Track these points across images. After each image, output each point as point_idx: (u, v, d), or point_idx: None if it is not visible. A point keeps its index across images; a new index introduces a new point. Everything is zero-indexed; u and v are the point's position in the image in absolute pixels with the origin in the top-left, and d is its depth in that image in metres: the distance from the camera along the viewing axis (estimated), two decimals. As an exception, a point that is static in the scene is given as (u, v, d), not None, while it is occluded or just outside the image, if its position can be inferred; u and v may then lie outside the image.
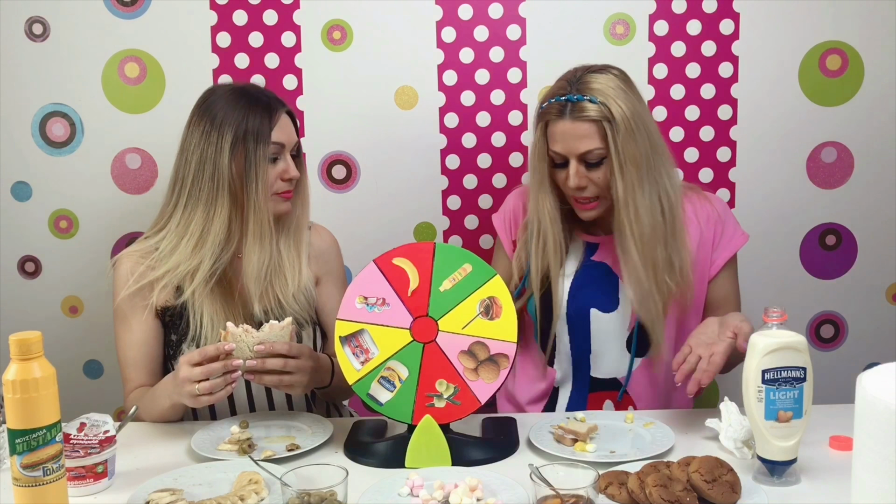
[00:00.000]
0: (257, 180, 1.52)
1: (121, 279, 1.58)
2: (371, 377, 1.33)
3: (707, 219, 1.64)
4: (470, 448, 1.34)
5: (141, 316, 1.57)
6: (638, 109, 1.52)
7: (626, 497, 1.15)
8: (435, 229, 2.02)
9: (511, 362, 1.33)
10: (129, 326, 1.58)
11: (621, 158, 1.50)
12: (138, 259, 1.58)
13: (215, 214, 1.53)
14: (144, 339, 1.58)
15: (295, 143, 1.60)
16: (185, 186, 1.55)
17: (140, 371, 1.58)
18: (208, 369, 1.35)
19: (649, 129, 1.53)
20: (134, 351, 1.58)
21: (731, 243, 1.65)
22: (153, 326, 1.58)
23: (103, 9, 1.93)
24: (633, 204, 1.51)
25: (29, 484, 1.06)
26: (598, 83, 1.52)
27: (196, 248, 1.53)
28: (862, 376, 0.88)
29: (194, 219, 1.54)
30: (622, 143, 1.49)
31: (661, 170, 1.54)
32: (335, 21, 1.94)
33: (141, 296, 1.56)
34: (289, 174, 1.56)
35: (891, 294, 2.05)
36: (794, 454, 1.20)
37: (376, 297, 1.34)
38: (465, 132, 1.98)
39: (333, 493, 1.09)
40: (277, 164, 1.56)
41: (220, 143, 1.52)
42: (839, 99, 1.96)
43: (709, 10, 1.93)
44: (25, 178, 1.99)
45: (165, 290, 1.56)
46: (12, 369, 1.05)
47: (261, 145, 1.53)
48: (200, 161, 1.53)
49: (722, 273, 1.65)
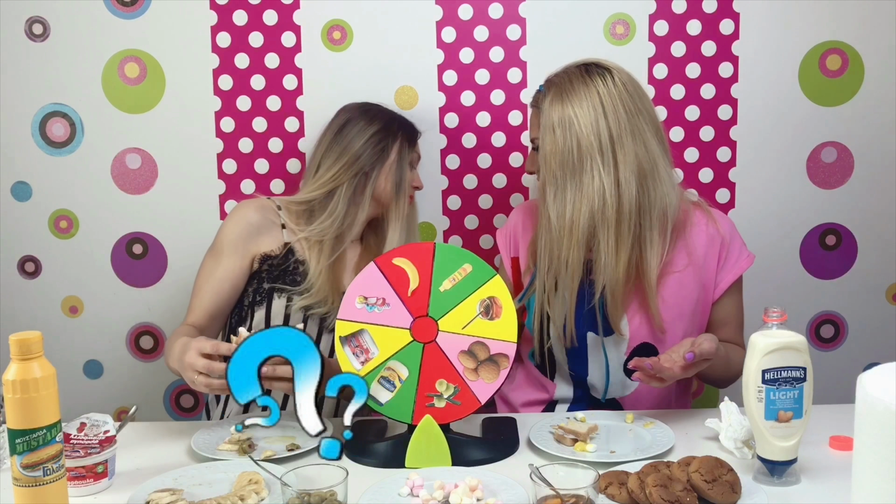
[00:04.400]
0: (402, 181, 1.74)
1: (233, 217, 1.69)
2: (371, 377, 1.33)
3: (711, 241, 1.61)
4: (470, 448, 1.34)
5: (233, 260, 1.65)
6: (578, 112, 1.51)
7: (626, 497, 1.15)
8: (435, 229, 2.02)
9: (511, 362, 1.33)
10: (219, 261, 1.66)
11: (543, 152, 1.54)
12: (256, 210, 1.69)
13: (360, 207, 1.71)
14: (225, 277, 1.65)
15: (418, 161, 1.84)
16: (332, 167, 1.71)
17: (203, 305, 1.64)
18: (210, 367, 1.35)
19: (581, 133, 1.50)
20: (210, 284, 1.65)
21: (736, 266, 1.62)
22: (239, 273, 1.66)
23: (103, 9, 1.93)
24: (545, 198, 1.54)
25: (29, 484, 1.06)
26: (561, 78, 1.56)
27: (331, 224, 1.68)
28: (862, 376, 0.88)
29: (333, 198, 1.69)
30: (543, 137, 1.54)
31: (592, 175, 1.50)
32: (335, 21, 1.94)
33: (244, 241, 1.66)
34: (417, 183, 1.80)
35: (891, 294, 2.05)
36: (794, 454, 1.20)
37: (376, 297, 1.34)
38: (465, 132, 1.98)
39: (333, 493, 1.09)
40: (412, 171, 1.79)
41: (383, 142, 1.72)
42: (839, 99, 1.96)
43: (709, 10, 1.93)
44: (25, 178, 1.99)
45: (275, 239, 1.68)
46: (12, 369, 1.05)
47: (410, 147, 1.77)
48: (352, 150, 1.71)
49: (726, 295, 1.63)
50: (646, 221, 1.54)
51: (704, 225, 1.62)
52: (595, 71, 1.55)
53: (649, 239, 1.54)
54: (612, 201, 1.51)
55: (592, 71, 1.55)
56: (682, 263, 1.58)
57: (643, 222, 1.54)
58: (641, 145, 1.53)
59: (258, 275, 1.68)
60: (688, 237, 1.60)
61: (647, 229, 1.54)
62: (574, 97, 1.52)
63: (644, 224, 1.54)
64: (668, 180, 1.56)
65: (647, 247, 1.54)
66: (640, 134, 1.53)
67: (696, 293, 1.60)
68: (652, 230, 1.54)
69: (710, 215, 1.63)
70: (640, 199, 1.52)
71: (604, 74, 1.54)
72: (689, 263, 1.58)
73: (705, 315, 1.64)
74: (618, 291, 1.53)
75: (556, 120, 1.52)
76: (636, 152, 1.52)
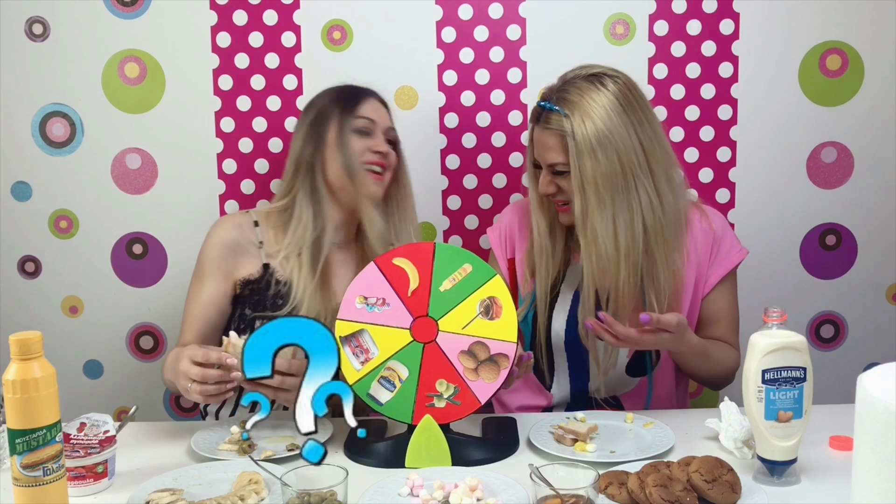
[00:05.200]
0: (325, 145, 1.60)
1: (211, 239, 1.64)
2: (371, 377, 1.33)
3: (704, 237, 1.61)
4: (470, 448, 1.34)
5: (216, 281, 1.62)
6: (611, 128, 1.46)
7: (626, 497, 1.15)
8: (435, 229, 2.02)
9: (511, 362, 1.33)
10: (203, 285, 1.63)
11: (580, 178, 1.47)
12: (234, 228, 1.64)
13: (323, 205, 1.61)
14: (210, 302, 1.62)
15: (388, 130, 1.67)
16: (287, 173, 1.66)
17: (192, 330, 1.62)
18: (204, 374, 1.34)
19: (620, 149, 1.46)
20: (197, 309, 1.62)
21: (726, 260, 1.62)
22: (223, 295, 1.63)
23: (103, 9, 1.93)
24: (590, 225, 1.48)
25: (29, 484, 1.06)
26: (577, 95, 1.48)
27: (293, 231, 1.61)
28: (862, 376, 0.88)
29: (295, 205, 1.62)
30: (580, 163, 1.46)
31: (637, 192, 1.48)
32: (335, 21, 1.94)
33: (224, 263, 1.62)
34: (377, 147, 1.62)
35: (891, 294, 2.05)
36: (794, 454, 1.20)
37: (376, 297, 1.34)
38: (465, 132, 1.98)
39: (333, 493, 1.09)
40: (366, 138, 1.62)
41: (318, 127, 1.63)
42: (839, 99, 1.96)
43: (709, 10, 1.93)
44: (25, 178, 1.99)
45: (253, 263, 1.62)
46: (12, 369, 1.05)
47: (347, 116, 1.62)
48: (294, 150, 1.65)
49: (717, 290, 1.62)
50: (679, 225, 1.56)
51: (698, 221, 1.62)
52: (606, 80, 1.50)
53: (677, 241, 1.56)
54: (659, 213, 1.50)
55: (605, 80, 1.50)
56: (681, 261, 1.59)
57: (678, 226, 1.55)
58: (664, 150, 1.53)
59: (241, 300, 1.64)
60: (689, 235, 1.60)
61: (678, 232, 1.55)
62: (601, 112, 1.46)
63: (678, 228, 1.55)
64: (682, 181, 1.58)
65: (677, 249, 1.56)
66: (660, 138, 1.53)
67: (691, 289, 1.60)
68: (679, 232, 1.56)
69: (703, 212, 1.64)
70: (676, 204, 1.53)
71: (615, 82, 1.50)
72: (687, 261, 1.59)
73: (696, 311, 1.63)
74: (671, 300, 1.54)
75: (593, 141, 1.45)
76: (662, 158, 1.51)
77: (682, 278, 1.56)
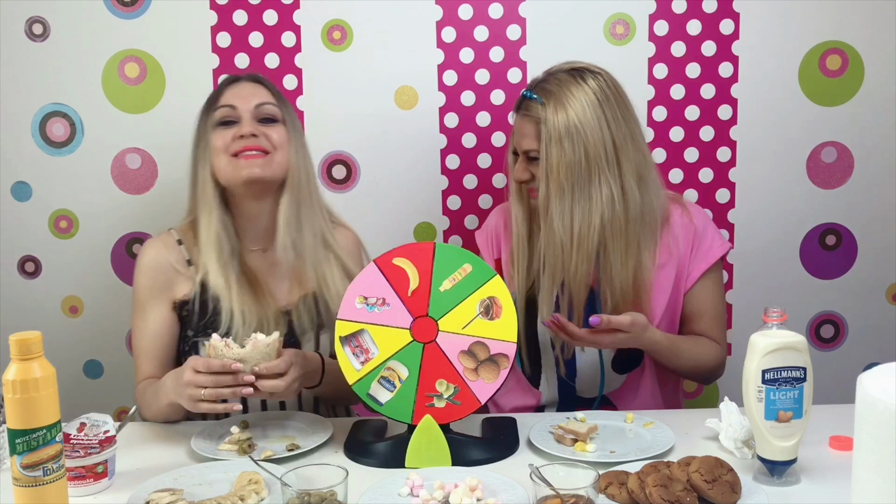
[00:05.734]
0: (203, 149, 1.54)
1: (141, 268, 1.59)
2: (371, 377, 1.33)
3: (684, 232, 1.62)
4: (470, 448, 1.34)
5: (158, 307, 1.57)
6: (583, 120, 1.49)
7: (626, 497, 1.15)
8: (435, 229, 2.02)
9: (511, 362, 1.33)
10: (146, 316, 1.57)
11: (546, 164, 1.50)
12: (161, 249, 1.59)
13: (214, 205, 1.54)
14: (158, 330, 1.57)
15: (259, 107, 1.54)
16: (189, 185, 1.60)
17: (152, 362, 1.57)
18: (217, 380, 1.32)
19: (589, 141, 1.49)
20: (147, 341, 1.57)
21: (708, 254, 1.61)
22: (169, 319, 1.57)
23: (103, 9, 1.93)
24: (549, 211, 1.52)
25: (29, 484, 1.06)
26: (556, 86, 1.52)
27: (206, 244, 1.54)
28: (862, 376, 0.88)
29: (199, 216, 1.56)
30: (548, 150, 1.50)
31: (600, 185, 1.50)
32: (335, 21, 1.94)
33: (159, 287, 1.57)
34: (241, 131, 1.51)
35: (891, 294, 2.04)
36: (794, 454, 1.20)
37: (376, 297, 1.34)
38: (465, 132, 1.98)
39: (333, 493, 1.09)
40: (231, 127, 1.53)
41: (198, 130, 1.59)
42: (839, 99, 1.96)
43: (709, 10, 1.93)
44: (25, 178, 1.99)
45: (186, 283, 1.56)
46: (12, 369, 1.05)
47: (208, 112, 1.56)
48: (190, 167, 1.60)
49: (699, 284, 1.62)
50: (645, 224, 1.54)
51: (679, 217, 1.63)
52: (587, 75, 1.53)
53: (644, 240, 1.55)
54: (620, 209, 1.51)
55: (585, 75, 1.53)
56: (664, 258, 1.60)
57: (644, 225, 1.54)
58: (637, 149, 1.54)
59: (182, 321, 1.57)
60: (668, 232, 1.61)
61: (644, 231, 1.55)
62: (576, 105, 1.50)
63: (644, 227, 1.54)
64: (657, 180, 1.59)
65: (643, 248, 1.55)
66: (635, 137, 1.54)
67: (669, 286, 1.61)
68: (646, 231, 1.55)
69: (684, 208, 1.65)
70: (643, 204, 1.53)
71: (596, 78, 1.53)
72: (670, 257, 1.60)
73: (678, 306, 1.63)
74: (628, 297, 1.55)
75: (562, 131, 1.49)
76: (634, 157, 1.53)
77: (649, 277, 1.57)
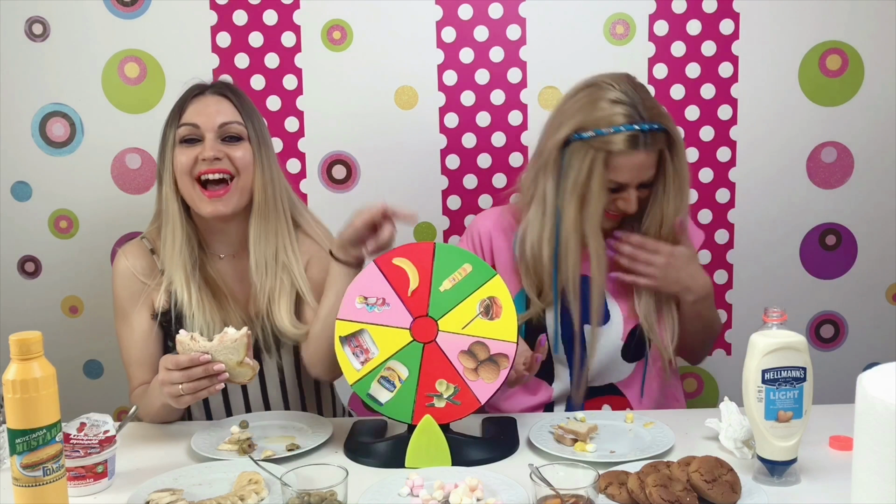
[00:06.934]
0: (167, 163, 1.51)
1: (118, 278, 1.58)
2: (371, 377, 1.33)
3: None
4: (470, 448, 1.34)
5: (140, 315, 1.56)
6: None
7: (626, 497, 1.15)
8: (435, 229, 2.02)
9: (511, 362, 1.33)
10: (130, 325, 1.57)
11: (680, 178, 1.52)
12: (134, 260, 1.57)
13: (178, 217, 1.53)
14: (144, 337, 1.56)
15: (223, 126, 1.49)
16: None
17: (142, 369, 1.56)
18: (188, 374, 1.32)
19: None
20: (135, 350, 1.56)
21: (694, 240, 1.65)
22: (151, 326, 1.56)
23: (103, 9, 1.93)
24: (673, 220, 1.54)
25: (29, 484, 1.06)
26: (652, 102, 1.50)
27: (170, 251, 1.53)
28: (862, 376, 0.88)
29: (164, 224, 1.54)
30: (679, 165, 1.52)
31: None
32: (335, 21, 1.94)
33: (136, 296, 1.56)
34: (203, 154, 1.47)
35: (891, 294, 2.05)
36: (794, 454, 1.20)
37: (376, 297, 1.34)
38: (465, 132, 1.98)
39: (333, 493, 1.09)
40: (194, 146, 1.49)
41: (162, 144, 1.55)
42: (839, 99, 1.96)
43: (709, 10, 1.93)
44: (25, 178, 1.99)
45: (160, 294, 1.55)
46: (12, 369, 1.05)
47: (171, 127, 1.51)
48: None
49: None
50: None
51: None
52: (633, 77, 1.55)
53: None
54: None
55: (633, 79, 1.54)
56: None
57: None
58: None
59: (163, 329, 1.56)
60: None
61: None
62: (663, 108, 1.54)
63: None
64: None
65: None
66: None
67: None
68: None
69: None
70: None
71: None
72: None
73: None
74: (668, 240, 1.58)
75: (680, 138, 1.53)
76: None
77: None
